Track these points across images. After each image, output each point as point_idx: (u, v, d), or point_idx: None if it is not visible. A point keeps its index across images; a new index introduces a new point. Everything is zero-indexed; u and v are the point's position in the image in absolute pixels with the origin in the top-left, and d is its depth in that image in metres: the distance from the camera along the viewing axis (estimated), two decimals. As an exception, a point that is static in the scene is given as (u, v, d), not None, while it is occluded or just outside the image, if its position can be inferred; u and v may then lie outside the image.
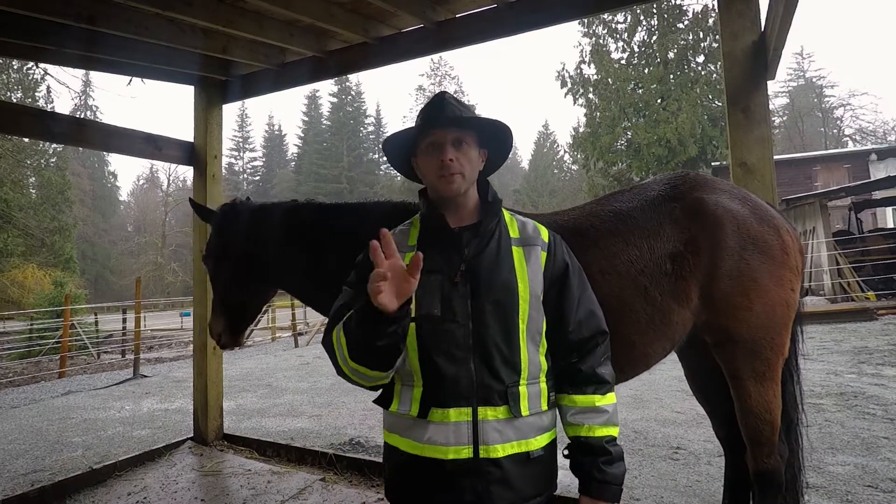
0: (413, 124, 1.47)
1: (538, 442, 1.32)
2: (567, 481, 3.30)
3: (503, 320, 1.31)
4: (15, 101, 31.36)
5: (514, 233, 1.44)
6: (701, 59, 25.25)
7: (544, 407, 1.35)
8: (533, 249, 1.41)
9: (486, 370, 1.29)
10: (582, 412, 1.36)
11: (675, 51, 25.37)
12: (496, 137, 1.48)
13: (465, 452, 1.26)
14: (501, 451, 1.27)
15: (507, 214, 1.49)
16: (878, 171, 20.84)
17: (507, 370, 1.30)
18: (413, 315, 1.26)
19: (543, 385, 1.37)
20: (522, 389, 1.31)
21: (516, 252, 1.39)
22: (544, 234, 1.46)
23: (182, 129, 7.72)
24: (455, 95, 1.47)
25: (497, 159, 1.54)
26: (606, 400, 1.39)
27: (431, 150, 1.38)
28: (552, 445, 1.38)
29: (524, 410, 1.30)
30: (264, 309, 14.85)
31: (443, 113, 1.37)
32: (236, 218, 2.31)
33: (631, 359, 1.87)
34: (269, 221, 2.29)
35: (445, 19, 3.41)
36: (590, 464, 1.35)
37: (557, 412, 1.42)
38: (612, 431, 1.38)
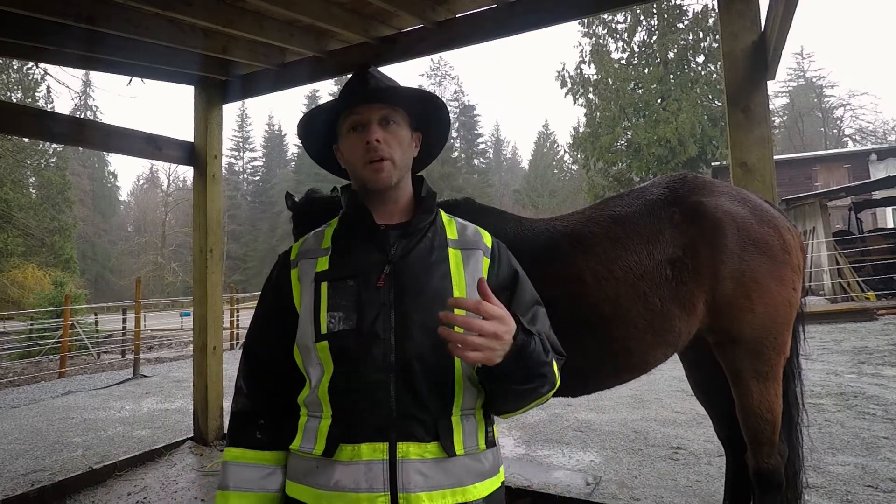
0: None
1: (478, 490, 1.04)
2: (567, 481, 3.31)
3: (433, 334, 1.02)
4: (15, 101, 31.37)
5: (451, 234, 1.21)
6: (701, 59, 25.27)
7: (482, 446, 1.09)
8: (473, 253, 1.17)
9: (409, 396, 1.03)
10: None
11: (675, 51, 25.39)
12: (432, 118, 1.25)
13: (381, 501, 0.98)
14: (427, 500, 0.99)
15: (444, 215, 1.26)
16: (878, 171, 20.83)
17: (437, 396, 1.05)
18: (324, 331, 1.07)
19: (480, 417, 1.12)
20: (455, 421, 1.06)
21: (453, 255, 1.15)
22: (487, 238, 1.23)
23: (182, 129, 7.72)
24: (381, 70, 1.24)
25: (434, 146, 1.31)
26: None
27: (354, 133, 1.15)
28: (497, 497, 1.10)
29: (458, 448, 1.04)
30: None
31: (365, 86, 1.15)
32: (299, 206, 2.45)
33: (629, 365, 1.87)
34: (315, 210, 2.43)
35: (445, 19, 3.41)
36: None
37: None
38: (555, 369, 1.08)
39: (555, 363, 1.09)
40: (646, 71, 25.93)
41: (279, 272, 1.22)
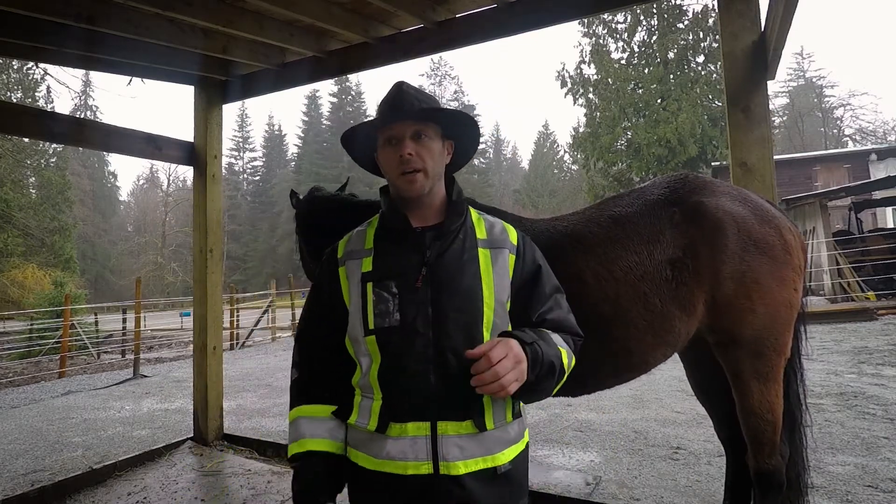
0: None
1: (505, 456, 1.22)
2: (567, 481, 3.31)
3: (466, 329, 1.21)
4: (15, 101, 31.36)
5: (480, 233, 1.33)
6: (701, 59, 25.28)
7: (509, 419, 1.25)
8: (500, 252, 1.31)
9: (446, 382, 1.19)
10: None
11: (675, 51, 25.40)
12: (462, 128, 1.37)
13: (425, 468, 1.16)
14: (463, 467, 1.17)
15: (474, 214, 1.39)
16: (878, 171, 20.84)
17: (470, 382, 1.18)
18: (371, 326, 1.23)
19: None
20: (486, 401, 1.21)
21: (482, 255, 1.29)
22: (513, 235, 1.36)
23: (182, 129, 7.73)
24: (414, 85, 1.36)
25: (465, 151, 1.43)
26: (558, 338, 1.26)
27: (389, 146, 1.29)
28: (521, 458, 1.28)
29: (489, 424, 1.20)
30: (264, 308, 14.89)
31: (400, 105, 1.28)
32: (302, 205, 2.55)
33: (629, 365, 1.86)
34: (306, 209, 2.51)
35: (445, 19, 3.41)
36: (523, 328, 1.23)
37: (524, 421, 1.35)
38: (560, 349, 1.24)
39: (563, 351, 1.24)
40: (646, 71, 25.93)
41: (328, 269, 1.36)
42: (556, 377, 1.22)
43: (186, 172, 63.55)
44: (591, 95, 27.29)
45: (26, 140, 27.88)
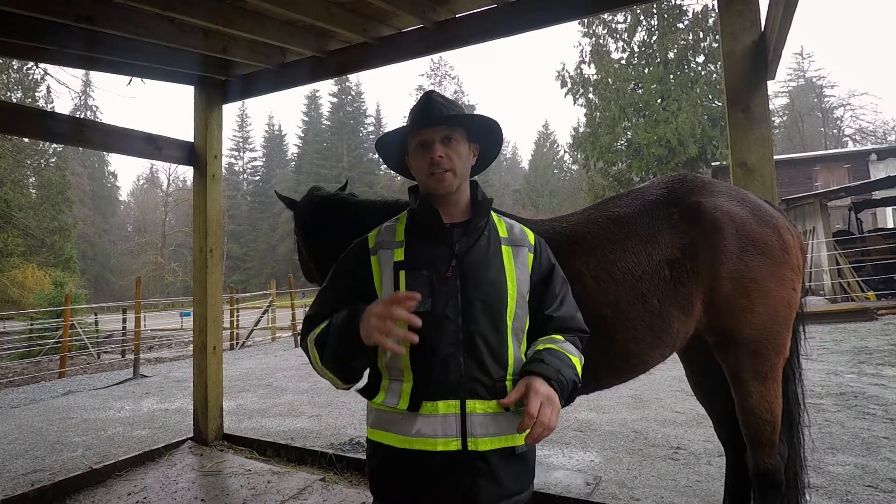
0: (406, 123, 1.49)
1: (522, 436, 1.30)
2: (567, 481, 3.31)
3: (491, 316, 1.33)
4: (15, 101, 31.34)
5: (503, 232, 1.46)
6: (701, 59, 25.28)
7: None
8: (521, 250, 1.43)
9: (474, 364, 1.30)
10: (543, 341, 1.37)
11: (675, 51, 25.40)
12: (487, 131, 1.48)
13: (454, 445, 1.26)
14: (489, 444, 1.28)
15: (494, 215, 1.51)
16: (878, 171, 20.84)
17: (495, 365, 1.32)
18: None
19: None
20: (509, 384, 1.32)
21: (505, 250, 1.41)
22: (530, 236, 1.49)
23: (182, 129, 7.73)
24: (442, 94, 1.48)
25: (489, 153, 1.54)
26: (570, 347, 1.37)
27: (421, 149, 1.40)
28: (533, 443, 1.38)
29: (511, 405, 1.29)
30: (264, 308, 14.89)
31: (430, 112, 1.39)
32: (302, 205, 2.56)
33: (629, 366, 1.87)
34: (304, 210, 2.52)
35: (445, 19, 3.41)
36: (540, 354, 1.32)
37: None
38: (574, 359, 1.34)
39: (576, 361, 1.34)
40: (646, 71, 25.94)
41: (358, 257, 1.45)
42: (577, 388, 1.34)
43: (186, 172, 63.58)
44: (591, 95, 27.30)
45: (26, 140, 27.88)
